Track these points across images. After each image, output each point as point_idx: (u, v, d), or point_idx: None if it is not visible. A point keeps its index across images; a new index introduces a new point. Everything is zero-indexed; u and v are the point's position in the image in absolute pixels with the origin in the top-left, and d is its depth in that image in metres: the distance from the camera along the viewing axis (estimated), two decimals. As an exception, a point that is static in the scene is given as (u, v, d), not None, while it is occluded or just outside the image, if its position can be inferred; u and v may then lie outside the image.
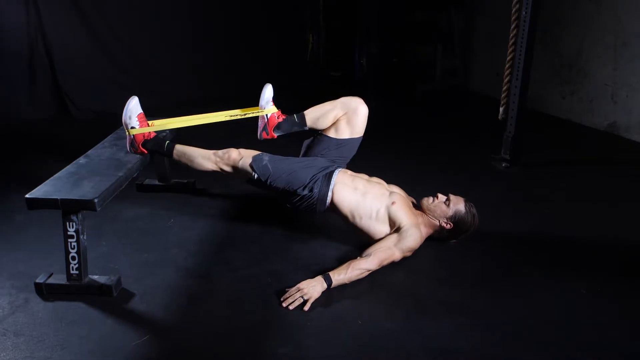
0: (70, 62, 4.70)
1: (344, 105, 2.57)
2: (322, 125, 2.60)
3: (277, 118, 2.61)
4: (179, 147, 2.55)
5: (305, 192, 2.41)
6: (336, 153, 2.59)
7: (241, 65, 5.52)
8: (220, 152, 2.50)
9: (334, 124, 2.60)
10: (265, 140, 2.64)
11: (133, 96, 2.51)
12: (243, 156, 2.46)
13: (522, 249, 2.50)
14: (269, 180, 2.41)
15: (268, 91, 2.61)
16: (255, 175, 2.42)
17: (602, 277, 2.26)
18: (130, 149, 2.55)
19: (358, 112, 2.56)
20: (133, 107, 2.49)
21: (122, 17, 4.89)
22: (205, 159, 2.50)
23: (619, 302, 2.10)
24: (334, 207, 2.42)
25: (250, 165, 2.42)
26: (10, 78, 4.53)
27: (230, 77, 5.42)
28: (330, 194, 2.40)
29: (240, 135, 3.03)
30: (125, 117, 2.49)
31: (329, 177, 2.44)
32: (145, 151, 2.54)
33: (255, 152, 2.49)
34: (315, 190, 2.40)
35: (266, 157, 2.45)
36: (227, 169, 2.48)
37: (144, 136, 2.52)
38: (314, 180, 2.42)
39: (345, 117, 2.57)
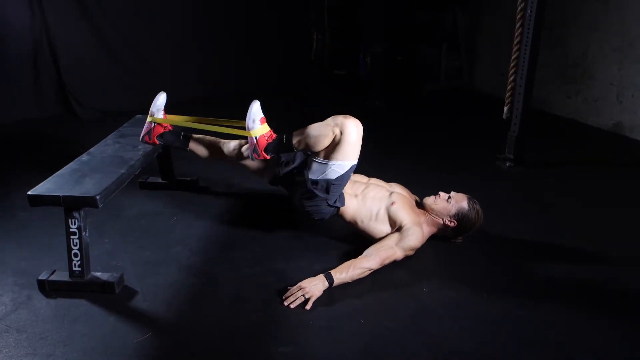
0: (75, 61, 4.71)
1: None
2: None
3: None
4: (196, 136, 2.59)
5: (339, 204, 2.36)
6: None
7: (245, 65, 5.53)
8: (340, 116, 2.24)
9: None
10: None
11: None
12: (355, 133, 2.21)
13: (525, 250, 2.49)
14: (331, 183, 2.29)
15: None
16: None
17: (603, 280, 2.24)
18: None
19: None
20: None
21: (127, 17, 4.89)
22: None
23: (620, 305, 2.09)
24: (340, 215, 2.42)
25: (349, 167, 2.25)
26: (15, 77, 4.54)
27: (234, 77, 5.43)
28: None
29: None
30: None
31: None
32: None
33: (359, 146, 2.28)
34: (339, 203, 2.37)
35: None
36: (337, 131, 2.22)
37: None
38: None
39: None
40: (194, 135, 2.61)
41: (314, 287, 2.09)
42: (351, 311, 2.04)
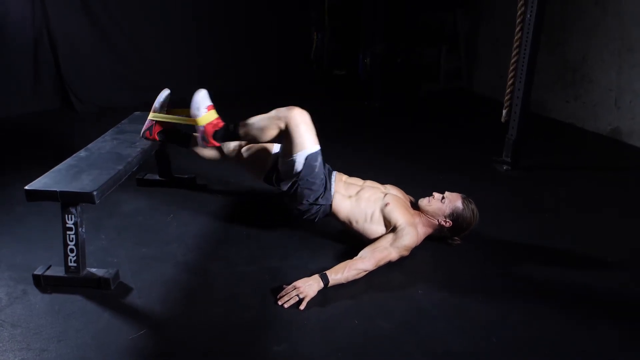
0: (75, 55, 4.72)
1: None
2: (259, 140, 2.39)
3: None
4: (242, 122, 2.40)
5: (322, 201, 2.38)
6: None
7: (245, 63, 5.53)
8: (283, 108, 2.30)
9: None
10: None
11: (200, 89, 2.40)
12: (300, 123, 2.25)
13: (520, 253, 2.50)
14: (302, 177, 2.30)
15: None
16: (297, 163, 2.28)
17: (599, 283, 2.25)
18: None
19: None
20: (201, 99, 2.38)
21: (127, 12, 4.90)
22: (273, 118, 2.29)
23: (615, 310, 2.09)
24: (332, 215, 2.43)
25: (305, 156, 2.26)
26: (14, 70, 4.54)
27: (233, 75, 5.42)
28: (330, 204, 2.41)
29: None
30: (193, 109, 2.39)
31: (328, 186, 2.43)
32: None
33: (311, 133, 2.30)
34: (322, 201, 2.39)
35: (320, 158, 2.32)
36: (282, 125, 2.27)
37: (213, 127, 2.40)
38: (326, 189, 2.40)
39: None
40: (194, 134, 2.59)
41: (308, 287, 2.09)
42: (345, 311, 2.05)
